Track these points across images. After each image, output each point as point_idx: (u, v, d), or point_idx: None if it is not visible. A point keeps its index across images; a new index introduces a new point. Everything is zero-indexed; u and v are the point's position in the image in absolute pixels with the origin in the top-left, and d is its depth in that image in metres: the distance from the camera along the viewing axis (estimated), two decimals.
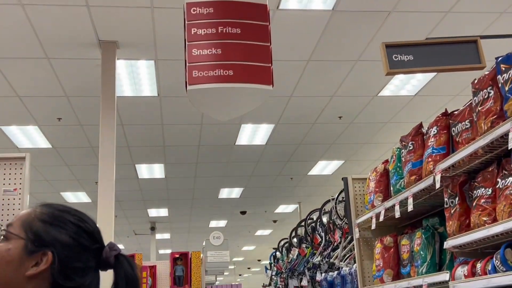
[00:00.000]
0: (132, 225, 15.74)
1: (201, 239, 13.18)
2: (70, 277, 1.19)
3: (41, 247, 1.17)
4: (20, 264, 1.16)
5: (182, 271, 8.53)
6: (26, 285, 1.16)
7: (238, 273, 29.22)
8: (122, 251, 1.30)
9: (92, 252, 1.24)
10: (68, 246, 1.20)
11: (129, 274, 1.26)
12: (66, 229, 1.22)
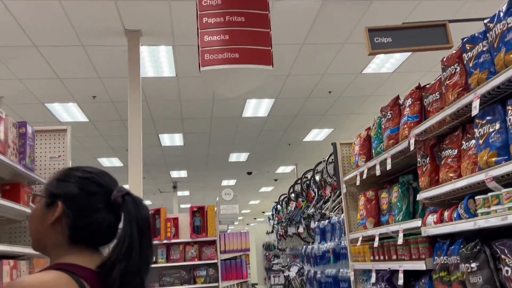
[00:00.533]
0: (158, 185, 15.86)
1: (215, 195, 13.32)
2: (80, 218, 1.23)
3: (54, 200, 1.24)
4: (44, 216, 1.25)
5: (200, 222, 8.62)
6: (51, 231, 1.23)
7: (246, 223, 29.56)
8: (149, 206, 1.29)
9: (99, 195, 1.25)
10: (75, 195, 1.24)
11: (133, 212, 1.23)
12: (73, 182, 1.26)
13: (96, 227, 1.23)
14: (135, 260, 1.19)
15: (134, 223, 1.22)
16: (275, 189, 17.67)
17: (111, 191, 1.26)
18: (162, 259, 8.41)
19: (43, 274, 1.11)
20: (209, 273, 8.41)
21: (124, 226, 1.21)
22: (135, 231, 1.21)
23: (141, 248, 1.21)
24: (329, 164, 7.83)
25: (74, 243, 1.22)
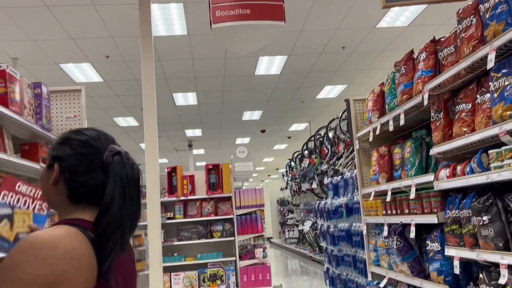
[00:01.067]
0: (173, 143, 16.00)
1: (229, 153, 13.43)
2: (73, 179, 1.30)
3: (52, 162, 1.33)
4: (47, 177, 1.34)
5: (215, 179, 8.73)
6: (54, 191, 1.33)
7: (261, 180, 29.88)
8: (166, 164, 1.33)
9: (92, 156, 1.31)
10: (69, 156, 1.31)
11: (118, 170, 1.29)
12: (68, 144, 1.33)
13: (91, 186, 1.30)
14: (115, 215, 1.24)
15: (118, 181, 1.27)
16: (289, 146, 17.71)
17: (103, 151, 1.32)
18: (180, 215, 8.60)
19: (54, 229, 1.19)
20: (225, 228, 8.60)
21: (109, 183, 1.27)
22: (118, 188, 1.26)
23: (123, 205, 1.25)
24: (342, 120, 7.79)
25: (75, 202, 1.31)
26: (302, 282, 10.75)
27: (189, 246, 8.64)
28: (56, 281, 1.10)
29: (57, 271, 1.10)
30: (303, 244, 15.42)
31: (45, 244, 1.11)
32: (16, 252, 1.11)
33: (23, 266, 1.08)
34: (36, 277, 1.08)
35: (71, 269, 1.12)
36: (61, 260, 1.11)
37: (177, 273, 8.27)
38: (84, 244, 1.17)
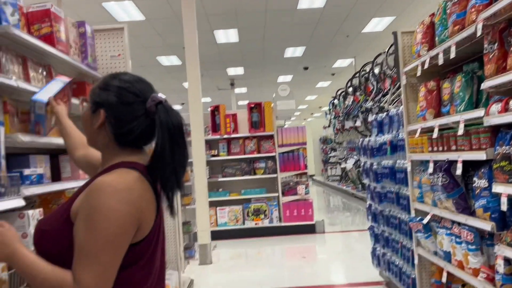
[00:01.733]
0: (216, 82, 16.04)
1: (271, 91, 13.36)
2: (120, 126, 1.38)
3: (97, 107, 1.40)
4: (91, 121, 1.42)
5: (257, 117, 8.78)
6: (99, 134, 1.41)
7: (303, 118, 29.78)
8: (209, 103, 1.39)
9: (137, 104, 1.38)
10: (113, 103, 1.38)
11: (163, 120, 1.35)
12: (112, 91, 1.39)
13: (136, 132, 1.38)
14: (168, 163, 1.34)
15: (165, 130, 1.34)
16: (332, 83, 17.39)
17: (146, 100, 1.38)
18: (224, 152, 8.79)
19: (119, 172, 1.32)
20: (268, 165, 8.75)
21: (157, 133, 1.35)
22: (166, 137, 1.34)
23: (173, 152, 1.35)
24: (389, 55, 7.51)
25: (121, 145, 1.40)
26: (344, 218, 10.93)
27: (233, 182, 8.89)
28: (139, 217, 1.27)
29: (139, 209, 1.27)
30: (346, 181, 15.52)
31: (123, 188, 1.26)
32: (100, 196, 1.23)
33: (113, 208, 1.23)
34: (125, 215, 1.24)
35: (146, 207, 1.30)
36: (138, 200, 1.28)
37: (222, 207, 8.59)
38: (148, 186, 1.33)
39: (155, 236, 1.36)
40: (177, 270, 4.64)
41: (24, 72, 2.40)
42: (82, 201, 1.29)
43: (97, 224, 1.22)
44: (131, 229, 1.26)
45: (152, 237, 1.35)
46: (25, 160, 2.38)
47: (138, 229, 1.29)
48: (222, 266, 6.68)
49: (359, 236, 8.25)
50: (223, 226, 8.53)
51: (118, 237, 1.23)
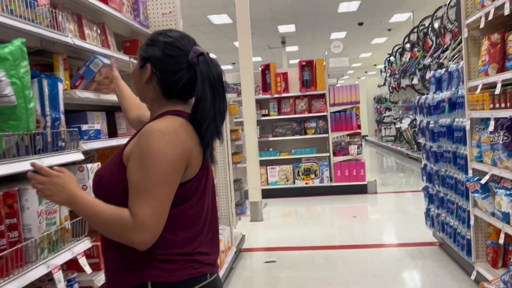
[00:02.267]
0: (266, 41, 15.86)
1: (324, 49, 13.04)
2: (166, 78, 1.48)
3: (144, 62, 1.50)
4: (140, 76, 1.53)
5: (308, 76, 8.66)
6: (147, 88, 1.52)
7: (357, 76, 29.06)
8: (260, 62, 1.42)
9: (181, 57, 1.47)
10: (159, 57, 1.47)
11: (204, 69, 1.45)
12: (157, 46, 1.49)
13: (180, 83, 1.47)
14: (208, 111, 1.44)
15: (206, 81, 1.44)
16: (389, 40, 16.74)
17: (189, 53, 1.47)
18: (274, 112, 8.79)
19: (167, 118, 1.43)
20: (319, 125, 8.68)
21: (198, 83, 1.45)
22: (207, 87, 1.43)
23: (213, 101, 1.44)
24: (451, 8, 7.11)
25: (167, 98, 1.51)
26: (397, 178, 10.76)
27: (283, 142, 8.91)
28: (187, 157, 1.38)
29: (187, 149, 1.38)
30: (400, 142, 15.17)
31: (169, 131, 1.37)
32: (149, 139, 1.35)
33: (162, 149, 1.33)
34: (173, 154, 1.35)
35: (193, 148, 1.41)
36: (185, 141, 1.39)
37: (273, 166, 8.67)
38: (192, 131, 1.43)
39: (203, 177, 1.47)
40: (229, 225, 4.78)
41: (80, 30, 2.48)
42: (133, 145, 1.41)
43: (149, 164, 1.33)
44: (180, 167, 1.37)
45: (201, 178, 1.46)
46: (83, 116, 2.49)
47: (187, 168, 1.39)
48: (272, 223, 6.81)
49: (413, 197, 8.12)
50: (274, 185, 8.64)
51: (169, 175, 1.34)
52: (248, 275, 4.63)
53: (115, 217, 1.34)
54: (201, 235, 1.46)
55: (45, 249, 1.87)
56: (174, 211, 1.39)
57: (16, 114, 1.68)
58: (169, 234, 1.38)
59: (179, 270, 1.38)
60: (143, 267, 1.37)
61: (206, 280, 1.43)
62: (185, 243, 1.41)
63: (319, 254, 5.15)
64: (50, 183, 1.39)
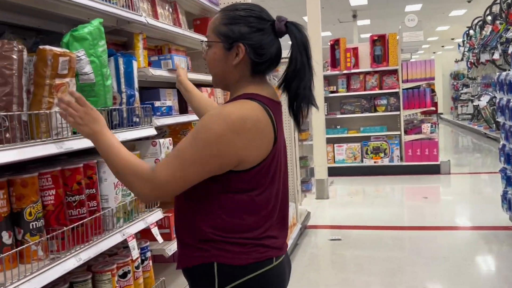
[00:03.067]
0: (336, 14, 15.48)
1: (397, 22, 12.54)
2: (261, 54, 1.41)
3: (233, 43, 1.40)
4: (225, 59, 1.43)
5: (380, 51, 8.40)
6: (235, 70, 1.44)
7: (432, 51, 27.67)
8: (329, 37, 1.40)
9: (267, 29, 1.41)
10: (250, 34, 1.40)
11: (297, 36, 1.40)
12: (243, 22, 1.40)
13: (272, 58, 1.43)
14: (307, 76, 1.41)
15: (301, 46, 1.40)
16: (468, 12, 15.73)
17: (274, 22, 1.42)
18: (343, 88, 8.64)
19: (240, 103, 1.38)
20: (390, 102, 8.42)
21: (293, 50, 1.40)
22: (304, 53, 1.40)
23: (310, 67, 1.42)
24: None
25: (253, 76, 1.44)
26: (473, 159, 10.25)
27: (352, 119, 8.76)
28: (244, 148, 1.32)
29: (246, 140, 1.32)
30: (478, 120, 14.38)
31: (237, 117, 1.31)
32: (213, 120, 1.31)
33: (217, 132, 1.29)
34: (227, 144, 1.30)
35: (257, 137, 1.35)
36: (250, 131, 1.33)
37: (340, 144, 8.57)
38: (265, 116, 1.37)
39: (271, 166, 1.41)
40: (295, 202, 4.82)
41: (153, 9, 2.56)
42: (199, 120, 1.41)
43: (198, 141, 1.31)
44: (227, 159, 1.32)
45: (270, 164, 1.40)
46: (155, 93, 2.59)
47: (243, 160, 1.33)
48: (338, 201, 6.77)
49: (489, 179, 7.72)
50: (341, 163, 8.54)
51: (210, 159, 1.30)
52: (312, 252, 4.67)
53: (135, 163, 1.35)
54: (269, 219, 1.44)
55: (121, 218, 2.00)
56: (243, 197, 1.37)
57: (95, 91, 1.79)
58: (237, 219, 1.38)
59: (245, 253, 1.38)
60: (211, 247, 1.38)
61: (272, 263, 1.42)
62: (252, 227, 1.40)
63: (387, 234, 5.06)
64: (84, 113, 1.41)
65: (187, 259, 1.43)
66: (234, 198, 1.37)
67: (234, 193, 1.37)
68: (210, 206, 1.38)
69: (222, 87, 1.53)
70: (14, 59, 1.45)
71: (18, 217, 1.54)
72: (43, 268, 1.50)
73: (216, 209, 1.38)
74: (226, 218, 1.37)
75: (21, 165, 1.67)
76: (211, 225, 1.38)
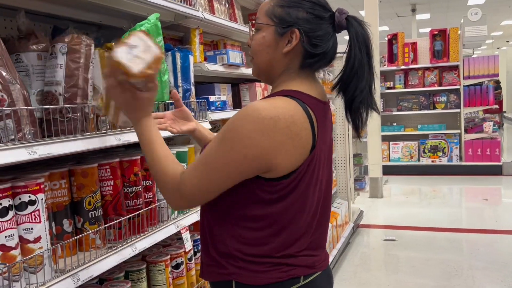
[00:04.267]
0: (394, 8, 15.04)
1: (459, 16, 12.02)
2: (316, 45, 1.24)
3: (288, 27, 1.23)
4: (276, 45, 1.26)
5: (440, 46, 8.11)
6: (283, 59, 1.27)
7: (496, 47, 26.34)
8: (386, 32, 1.27)
9: (326, 20, 1.25)
10: (308, 20, 1.23)
11: (359, 31, 1.24)
12: (302, 7, 1.23)
13: (326, 52, 1.26)
14: (366, 77, 1.24)
15: (363, 44, 1.24)
16: None
17: (333, 13, 1.26)
18: (400, 84, 8.40)
19: (275, 99, 1.20)
20: (449, 99, 8.11)
21: (353, 47, 1.24)
22: (364, 51, 1.24)
23: (370, 67, 1.25)
24: None
25: (301, 70, 1.27)
26: None
27: (409, 116, 8.51)
28: (273, 152, 1.15)
29: (275, 143, 1.14)
30: None
31: (268, 115, 1.13)
32: (242, 117, 1.16)
33: (245, 133, 1.14)
34: (255, 145, 1.14)
35: (289, 141, 1.16)
36: (281, 132, 1.14)
37: (396, 142, 8.35)
38: (302, 118, 1.18)
39: (306, 176, 1.22)
40: (347, 200, 4.74)
41: (209, 4, 2.58)
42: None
43: (225, 142, 1.17)
44: (254, 162, 1.16)
45: (302, 177, 1.21)
46: (210, 87, 2.62)
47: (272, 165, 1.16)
48: (393, 201, 6.60)
49: None
50: (396, 161, 8.32)
51: (236, 163, 1.16)
52: (365, 251, 4.57)
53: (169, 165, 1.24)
54: (301, 235, 1.27)
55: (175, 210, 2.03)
56: (270, 209, 1.21)
57: None
58: (261, 233, 1.23)
59: (265, 272, 1.23)
60: (230, 264, 1.25)
61: (299, 283, 1.25)
62: (277, 243, 1.24)
63: (443, 236, 4.88)
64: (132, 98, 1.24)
65: (208, 273, 1.33)
66: (261, 210, 1.21)
67: (261, 204, 1.21)
68: (234, 216, 1.24)
69: (264, 78, 1.35)
70: (81, 52, 1.50)
71: (78, 206, 1.60)
72: (101, 256, 1.55)
73: (240, 221, 1.23)
74: (250, 232, 1.23)
75: (79, 156, 1.74)
76: (233, 237, 1.24)
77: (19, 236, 1.31)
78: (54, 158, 1.43)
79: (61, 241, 1.48)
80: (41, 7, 1.77)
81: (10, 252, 1.27)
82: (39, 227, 1.34)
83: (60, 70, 1.45)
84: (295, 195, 1.21)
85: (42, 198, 1.36)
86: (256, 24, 1.28)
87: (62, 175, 1.55)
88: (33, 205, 1.33)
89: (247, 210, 1.22)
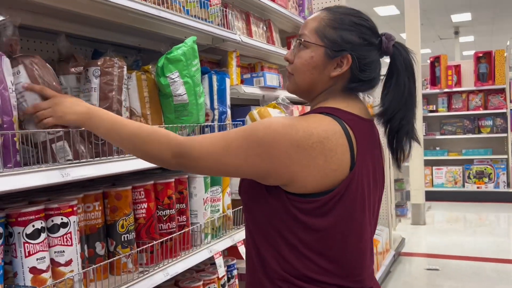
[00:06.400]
0: (437, 31, 14.77)
1: (505, 39, 11.67)
2: (364, 71, 1.19)
3: (340, 52, 1.17)
4: (323, 67, 1.19)
5: (485, 68, 7.85)
6: (328, 82, 1.21)
7: None
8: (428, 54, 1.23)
9: (375, 45, 1.21)
10: (359, 46, 1.18)
11: (406, 58, 1.20)
12: (355, 31, 1.18)
13: (373, 78, 1.21)
14: (412, 108, 1.21)
15: (410, 72, 1.21)
16: None
17: (381, 39, 1.21)
18: (443, 108, 8.17)
19: (310, 117, 1.16)
20: (496, 123, 7.80)
21: (402, 75, 1.20)
22: (411, 80, 1.21)
23: (415, 97, 1.22)
24: None
25: (343, 91, 1.22)
26: None
27: (452, 140, 8.23)
28: (302, 164, 1.09)
29: (306, 156, 1.09)
30: None
31: (303, 130, 1.09)
32: (277, 123, 1.11)
33: (277, 138, 1.09)
34: (284, 153, 1.09)
35: (321, 157, 1.10)
36: (313, 147, 1.09)
37: (439, 167, 8.07)
38: (338, 134, 1.12)
39: (347, 196, 1.13)
40: (388, 226, 4.57)
41: (247, 28, 2.58)
42: None
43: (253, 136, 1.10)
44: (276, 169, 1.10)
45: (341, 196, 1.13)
46: (247, 110, 2.59)
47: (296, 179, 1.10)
48: (436, 228, 6.33)
49: None
50: (439, 187, 8.02)
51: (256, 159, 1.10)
52: (406, 281, 4.37)
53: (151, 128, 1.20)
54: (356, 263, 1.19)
55: (209, 234, 1.99)
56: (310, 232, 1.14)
57: (188, 110, 1.80)
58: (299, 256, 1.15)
59: None
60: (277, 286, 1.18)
61: None
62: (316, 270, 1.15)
63: (490, 267, 4.61)
64: (55, 103, 1.25)
65: None
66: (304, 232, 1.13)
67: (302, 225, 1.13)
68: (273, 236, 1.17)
69: (302, 95, 1.28)
70: (114, 75, 1.50)
71: (111, 229, 1.58)
72: (132, 281, 1.52)
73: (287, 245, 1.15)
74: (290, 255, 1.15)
75: (113, 178, 1.73)
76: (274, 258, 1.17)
77: (50, 259, 1.30)
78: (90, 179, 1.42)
79: (93, 264, 1.46)
80: (83, 31, 1.80)
81: (41, 275, 1.26)
82: (70, 250, 1.33)
83: (95, 93, 1.46)
84: (337, 213, 1.13)
85: (75, 221, 1.35)
86: (303, 41, 1.21)
87: (96, 197, 1.54)
88: (65, 228, 1.32)
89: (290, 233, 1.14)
